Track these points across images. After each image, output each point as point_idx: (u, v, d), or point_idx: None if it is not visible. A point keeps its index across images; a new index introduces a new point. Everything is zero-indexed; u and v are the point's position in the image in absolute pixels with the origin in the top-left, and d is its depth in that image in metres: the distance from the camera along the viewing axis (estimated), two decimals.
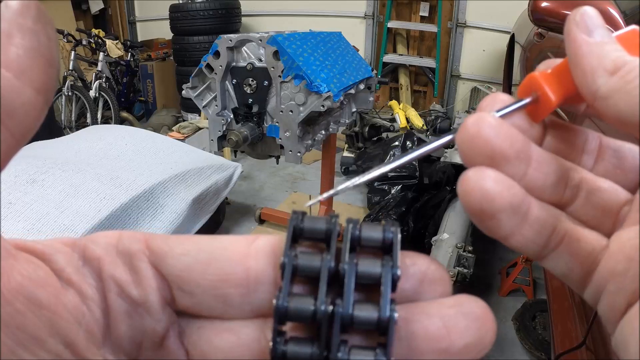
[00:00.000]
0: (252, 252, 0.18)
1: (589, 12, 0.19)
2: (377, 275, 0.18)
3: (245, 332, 0.18)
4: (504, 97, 0.21)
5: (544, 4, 1.37)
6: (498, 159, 0.18)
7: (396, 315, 0.17)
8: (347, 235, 0.18)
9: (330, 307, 0.17)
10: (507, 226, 0.19)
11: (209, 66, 1.70)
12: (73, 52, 3.88)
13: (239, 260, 0.18)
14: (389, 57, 4.33)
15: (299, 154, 1.73)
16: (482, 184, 0.18)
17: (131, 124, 4.00)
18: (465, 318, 0.18)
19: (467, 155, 0.19)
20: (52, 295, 0.16)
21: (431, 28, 4.14)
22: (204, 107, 1.80)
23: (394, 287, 0.17)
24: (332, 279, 0.18)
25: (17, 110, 0.14)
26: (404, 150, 2.79)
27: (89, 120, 3.64)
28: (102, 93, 3.86)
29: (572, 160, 0.21)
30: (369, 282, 0.18)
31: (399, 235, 0.18)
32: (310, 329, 0.18)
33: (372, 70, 2.13)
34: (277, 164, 2.01)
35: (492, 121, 0.18)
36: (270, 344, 0.17)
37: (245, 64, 1.69)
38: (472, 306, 0.18)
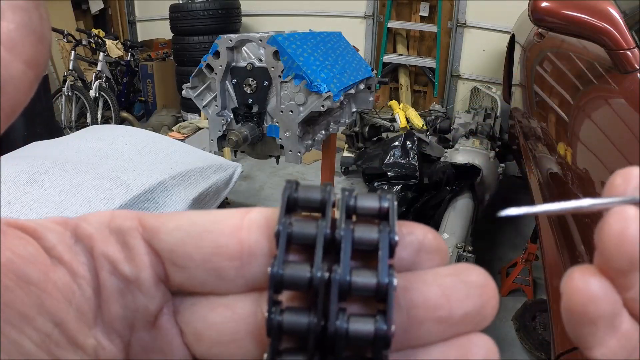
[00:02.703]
0: (246, 224, 0.18)
1: None
2: (374, 241, 0.17)
3: (241, 306, 0.18)
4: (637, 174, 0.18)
5: (544, 4, 1.37)
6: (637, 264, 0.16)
7: (395, 281, 0.16)
8: (343, 202, 0.18)
9: (327, 274, 0.16)
10: (600, 335, 0.17)
11: (209, 66, 1.70)
12: (73, 52, 3.88)
13: (232, 232, 0.18)
14: (389, 57, 4.33)
15: (299, 154, 1.73)
16: (590, 285, 0.17)
17: (131, 124, 4.00)
18: (465, 286, 0.17)
19: (613, 256, 0.16)
20: (41, 273, 0.16)
21: (431, 28, 4.14)
22: (204, 107, 1.80)
23: (391, 253, 0.17)
24: (328, 247, 0.17)
25: (7, 83, 0.15)
26: (404, 150, 2.79)
27: (89, 120, 3.65)
28: (102, 93, 3.86)
29: None
30: (366, 248, 0.17)
31: (395, 203, 0.18)
32: (307, 299, 0.17)
33: (372, 70, 2.12)
34: (277, 164, 2.01)
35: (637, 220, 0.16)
36: (265, 314, 0.16)
37: (245, 64, 1.69)
38: (471, 274, 0.18)
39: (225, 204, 2.59)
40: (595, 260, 0.17)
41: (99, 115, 3.81)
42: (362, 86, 2.03)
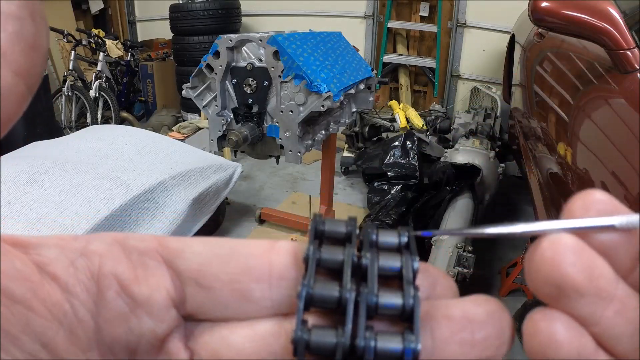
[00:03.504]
0: (276, 250, 0.18)
1: None
2: (398, 267, 0.18)
3: (263, 327, 0.18)
4: (601, 199, 0.17)
5: (544, 4, 1.37)
6: (569, 292, 0.16)
7: (420, 299, 0.17)
8: (366, 235, 0.19)
9: (355, 293, 0.17)
10: None
11: (209, 66, 1.70)
12: (73, 52, 3.88)
13: (261, 255, 0.18)
14: (389, 57, 4.33)
15: (299, 154, 1.73)
16: (551, 328, 0.16)
17: (131, 124, 4.00)
18: (484, 310, 0.18)
19: (534, 282, 0.17)
20: (28, 290, 0.15)
21: (431, 28, 4.14)
22: (204, 107, 1.79)
23: (413, 280, 0.18)
24: (354, 272, 0.18)
25: None
26: (404, 150, 2.79)
27: (89, 120, 3.65)
28: (102, 93, 3.86)
29: None
30: (389, 274, 0.18)
31: (414, 239, 0.19)
32: (332, 320, 0.18)
33: (372, 70, 2.13)
34: (277, 164, 2.01)
35: (571, 247, 0.16)
36: (293, 333, 0.16)
37: (245, 64, 1.68)
38: (488, 301, 0.18)
39: (225, 204, 2.59)
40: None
41: (99, 115, 3.80)
42: (362, 86, 2.03)
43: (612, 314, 0.16)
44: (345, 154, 3.32)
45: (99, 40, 4.08)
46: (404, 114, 3.27)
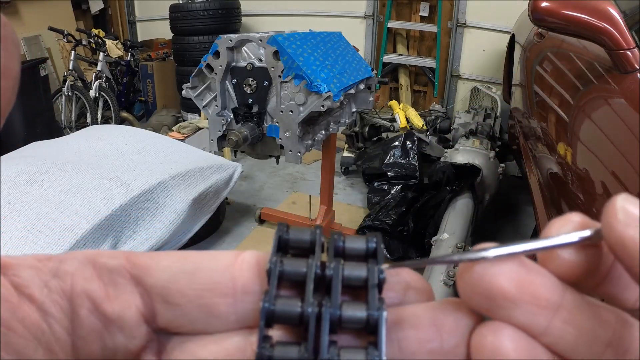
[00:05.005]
0: (239, 263, 0.18)
1: None
2: (363, 277, 0.17)
3: (230, 342, 0.18)
4: (576, 220, 0.17)
5: (544, 4, 1.37)
6: (500, 302, 0.16)
7: (385, 313, 0.16)
8: (332, 243, 0.18)
9: (317, 309, 0.17)
10: None
11: (209, 66, 1.70)
12: (73, 52, 3.88)
13: (225, 270, 0.18)
14: (389, 57, 4.33)
15: (299, 154, 1.73)
16: (496, 339, 0.16)
17: (131, 124, 4.00)
18: (453, 317, 0.17)
19: (465, 295, 0.17)
20: (8, 311, 0.16)
21: (431, 28, 4.14)
22: (204, 107, 1.80)
23: (380, 289, 0.17)
24: (318, 284, 0.18)
25: None
26: (404, 150, 2.79)
27: (89, 120, 3.65)
28: (102, 93, 3.86)
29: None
30: (355, 284, 0.18)
31: (382, 244, 0.19)
32: (297, 335, 0.18)
33: (372, 70, 2.13)
34: (277, 164, 2.01)
35: (498, 261, 0.16)
36: (256, 348, 0.16)
37: (245, 64, 1.69)
38: (458, 306, 0.18)
39: (225, 204, 2.59)
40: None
41: (99, 115, 3.80)
42: (362, 86, 2.03)
43: (560, 323, 0.16)
44: (345, 154, 3.32)
45: (99, 40, 4.08)
46: (404, 114, 3.27)
